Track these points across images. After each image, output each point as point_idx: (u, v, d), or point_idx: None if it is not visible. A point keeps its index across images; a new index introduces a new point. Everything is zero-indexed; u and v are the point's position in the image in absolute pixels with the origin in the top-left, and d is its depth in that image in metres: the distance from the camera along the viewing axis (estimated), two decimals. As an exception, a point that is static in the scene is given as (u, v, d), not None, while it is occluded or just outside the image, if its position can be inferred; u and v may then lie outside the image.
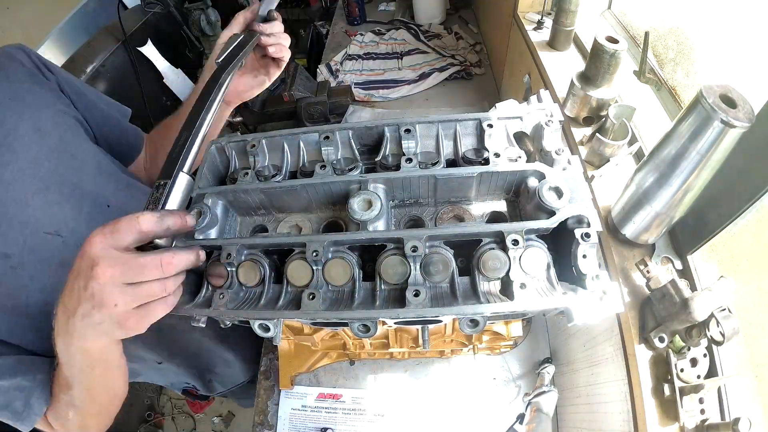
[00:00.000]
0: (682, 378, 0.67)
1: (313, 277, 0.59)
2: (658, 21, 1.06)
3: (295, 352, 1.16)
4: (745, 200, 0.63)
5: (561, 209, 0.57)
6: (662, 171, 0.66)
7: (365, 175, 0.65)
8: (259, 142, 0.72)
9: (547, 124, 0.66)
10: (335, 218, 0.70)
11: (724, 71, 0.87)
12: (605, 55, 0.90)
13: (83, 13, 2.69)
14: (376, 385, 1.19)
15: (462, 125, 0.70)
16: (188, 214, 0.57)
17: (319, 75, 2.18)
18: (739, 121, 0.54)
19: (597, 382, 0.90)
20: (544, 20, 1.34)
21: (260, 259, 0.62)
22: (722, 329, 0.59)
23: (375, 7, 2.61)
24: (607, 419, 0.84)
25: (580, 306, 0.53)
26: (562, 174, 0.61)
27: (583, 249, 0.55)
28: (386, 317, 0.55)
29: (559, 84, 1.13)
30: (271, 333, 0.57)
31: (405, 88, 2.01)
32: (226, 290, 0.61)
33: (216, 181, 0.74)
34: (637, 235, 0.79)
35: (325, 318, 0.56)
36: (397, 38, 2.30)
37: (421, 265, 0.57)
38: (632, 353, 0.72)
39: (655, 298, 0.69)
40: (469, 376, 1.17)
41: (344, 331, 1.02)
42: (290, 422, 1.17)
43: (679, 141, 0.62)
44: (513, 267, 0.56)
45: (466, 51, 2.14)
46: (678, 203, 0.68)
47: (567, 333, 1.09)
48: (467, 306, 0.54)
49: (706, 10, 0.91)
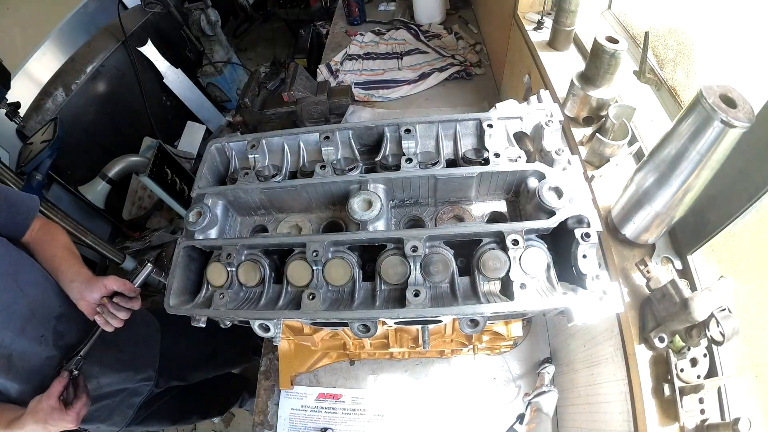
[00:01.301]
0: (682, 378, 0.67)
1: (313, 277, 0.59)
2: (658, 21, 1.06)
3: (295, 352, 1.16)
4: (745, 200, 0.63)
5: (561, 209, 0.57)
6: (662, 171, 0.66)
7: (365, 175, 0.65)
8: (259, 142, 0.72)
9: (547, 124, 0.66)
10: (335, 218, 0.70)
11: (724, 71, 0.87)
12: (605, 55, 0.90)
13: (83, 13, 2.69)
14: (376, 385, 1.19)
15: (462, 125, 0.70)
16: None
17: (319, 75, 2.18)
18: (739, 121, 0.53)
19: (597, 382, 0.90)
20: (544, 20, 1.34)
21: (260, 259, 0.62)
22: (722, 329, 0.59)
23: (375, 7, 2.61)
24: (607, 419, 0.84)
25: (580, 306, 0.53)
26: (562, 174, 0.61)
27: (583, 249, 0.55)
28: (386, 317, 0.55)
29: (559, 84, 1.13)
30: (271, 333, 0.57)
31: (405, 88, 2.01)
32: (226, 290, 0.61)
33: (216, 181, 0.75)
34: (637, 235, 0.79)
35: (325, 318, 0.56)
36: (397, 38, 2.30)
37: (421, 265, 0.57)
38: (632, 353, 0.72)
39: (655, 298, 0.69)
40: (469, 376, 1.17)
41: (344, 331, 1.02)
42: (290, 422, 1.17)
43: (679, 141, 0.62)
44: (513, 267, 0.56)
45: (466, 51, 2.14)
46: (678, 203, 0.68)
47: (567, 333, 1.08)
48: (467, 306, 0.54)
49: (706, 10, 0.91)
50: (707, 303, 0.60)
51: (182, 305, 0.62)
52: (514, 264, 0.56)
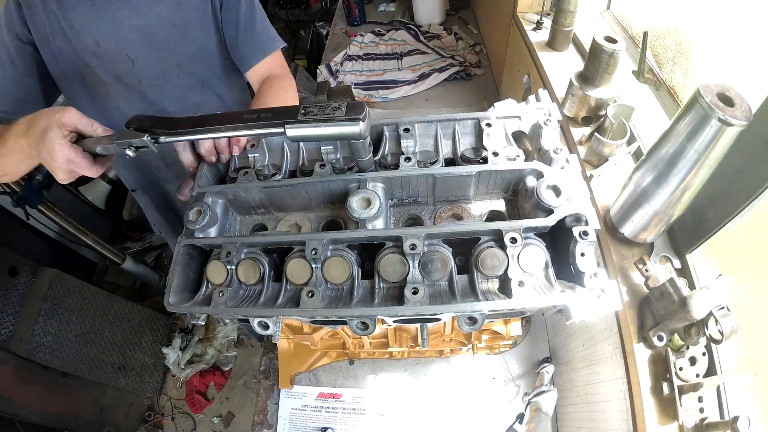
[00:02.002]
0: (681, 376, 0.67)
1: (313, 275, 0.59)
2: (657, 21, 1.07)
3: (295, 352, 1.16)
4: (743, 199, 0.63)
5: (559, 207, 0.57)
6: (660, 170, 0.66)
7: (364, 174, 0.65)
8: (259, 141, 0.72)
9: (546, 123, 0.66)
10: (334, 217, 0.70)
11: (722, 71, 0.88)
12: (604, 55, 0.90)
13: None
14: (376, 385, 1.19)
15: (461, 124, 0.70)
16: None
17: (319, 75, 2.18)
18: (737, 119, 0.54)
19: (596, 381, 0.90)
20: (543, 20, 1.35)
21: (260, 258, 0.62)
22: (721, 328, 0.59)
23: (375, 7, 2.61)
24: (607, 418, 0.84)
25: (578, 304, 0.53)
26: (560, 173, 0.62)
27: (581, 247, 0.55)
28: (385, 315, 0.56)
29: (559, 84, 1.14)
30: (270, 330, 0.57)
31: (405, 88, 2.01)
32: (225, 288, 0.61)
33: (216, 180, 0.75)
34: (636, 234, 0.79)
35: (324, 315, 0.56)
36: (397, 39, 2.31)
37: (420, 263, 0.57)
38: (631, 352, 0.72)
39: (654, 297, 0.69)
40: (469, 376, 1.17)
41: (343, 330, 1.02)
42: (290, 422, 1.17)
43: (677, 140, 0.62)
44: (511, 265, 0.56)
45: (465, 51, 2.14)
46: (676, 202, 0.68)
47: (566, 332, 1.09)
48: (465, 303, 0.54)
49: (705, 10, 0.91)
50: (706, 301, 0.60)
51: (182, 303, 0.62)
52: (512, 262, 0.56)
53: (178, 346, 2.38)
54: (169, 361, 2.34)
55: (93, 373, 1.97)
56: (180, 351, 2.38)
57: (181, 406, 2.46)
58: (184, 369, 2.36)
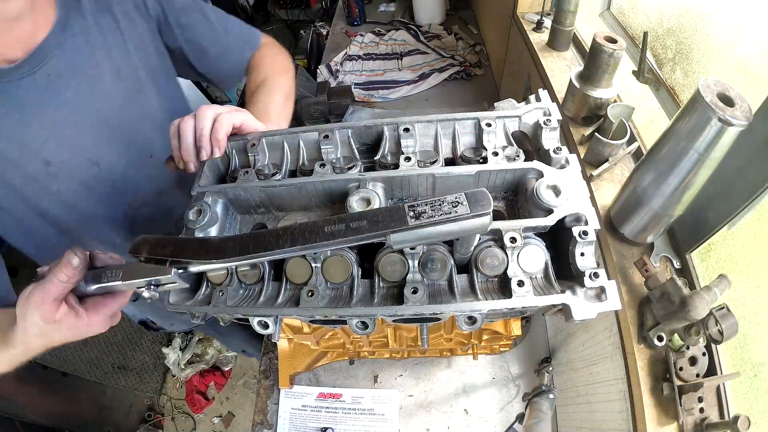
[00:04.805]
0: (681, 377, 0.67)
1: (312, 274, 0.59)
2: (657, 21, 1.07)
3: (295, 352, 1.16)
4: (743, 199, 0.63)
5: (558, 207, 0.57)
6: (661, 170, 0.66)
7: (364, 174, 0.65)
8: (259, 140, 0.72)
9: (546, 123, 0.66)
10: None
11: (723, 71, 0.88)
12: (604, 55, 0.90)
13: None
14: (376, 385, 1.19)
15: (460, 124, 0.70)
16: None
17: (319, 75, 2.19)
18: (737, 119, 0.54)
19: (596, 381, 0.90)
20: (543, 21, 1.35)
21: (259, 257, 0.62)
22: (721, 327, 0.59)
23: (375, 7, 2.61)
24: (606, 418, 0.84)
25: (578, 303, 0.53)
26: (560, 172, 0.61)
27: (581, 247, 0.55)
28: (384, 314, 0.56)
29: (559, 84, 1.14)
30: (270, 330, 0.58)
31: (405, 88, 2.01)
32: (225, 288, 0.61)
33: (216, 179, 0.75)
34: (636, 234, 0.79)
35: (323, 315, 0.56)
36: (397, 39, 2.31)
37: (420, 263, 0.57)
38: (631, 352, 0.72)
39: (654, 297, 0.69)
40: (469, 376, 1.17)
41: (343, 330, 1.02)
42: (290, 422, 1.17)
43: (677, 140, 0.62)
44: (511, 264, 0.56)
45: (465, 51, 2.14)
46: (676, 202, 0.68)
47: (566, 332, 1.09)
48: (465, 303, 0.54)
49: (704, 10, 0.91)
50: (706, 301, 0.60)
51: (182, 302, 0.62)
52: (511, 262, 0.56)
53: (178, 345, 2.39)
54: (169, 360, 2.34)
55: (93, 373, 1.97)
56: (180, 351, 2.38)
57: (181, 406, 2.46)
58: (184, 369, 2.36)
